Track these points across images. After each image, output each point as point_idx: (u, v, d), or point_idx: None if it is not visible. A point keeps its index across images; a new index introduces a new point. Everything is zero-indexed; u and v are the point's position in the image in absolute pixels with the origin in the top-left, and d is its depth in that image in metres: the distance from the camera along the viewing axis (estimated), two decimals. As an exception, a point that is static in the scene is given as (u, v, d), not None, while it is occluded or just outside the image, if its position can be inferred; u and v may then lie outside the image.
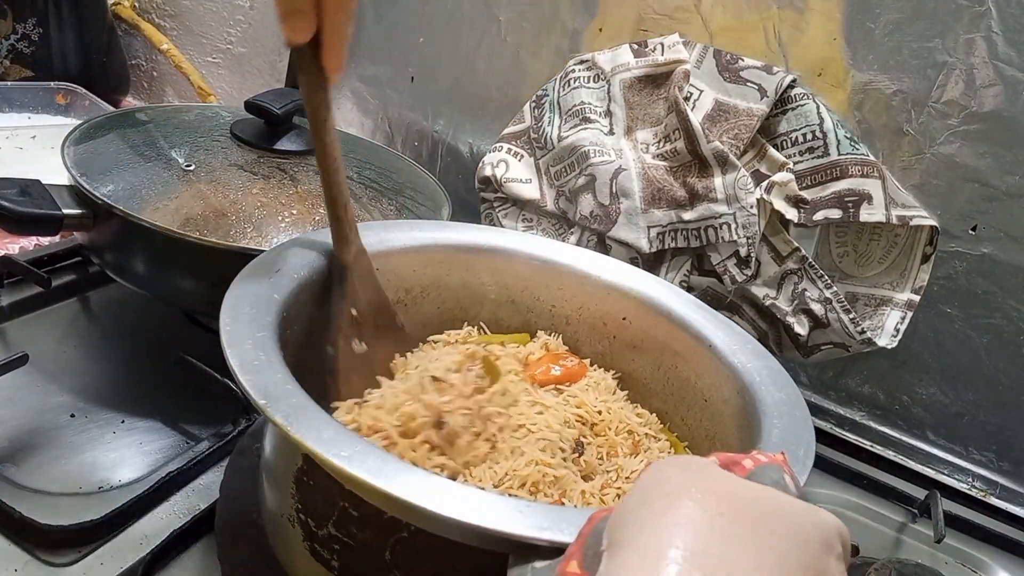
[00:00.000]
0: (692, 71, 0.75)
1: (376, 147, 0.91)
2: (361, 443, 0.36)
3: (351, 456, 0.35)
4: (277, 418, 0.36)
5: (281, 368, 0.41)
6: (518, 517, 0.34)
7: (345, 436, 0.37)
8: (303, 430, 0.36)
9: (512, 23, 0.90)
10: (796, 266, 0.72)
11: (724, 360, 0.54)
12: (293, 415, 0.37)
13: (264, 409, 0.37)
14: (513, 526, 0.33)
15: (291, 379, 0.40)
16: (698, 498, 0.26)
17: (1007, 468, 0.77)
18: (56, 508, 0.52)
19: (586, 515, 0.30)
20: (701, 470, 0.29)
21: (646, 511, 0.26)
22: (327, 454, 0.35)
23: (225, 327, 0.42)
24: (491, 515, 0.34)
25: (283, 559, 0.46)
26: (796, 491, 0.32)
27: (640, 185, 0.73)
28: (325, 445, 0.35)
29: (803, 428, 0.46)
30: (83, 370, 0.67)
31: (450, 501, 0.34)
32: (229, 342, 0.41)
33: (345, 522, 0.40)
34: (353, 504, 0.40)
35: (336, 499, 0.40)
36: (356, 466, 0.35)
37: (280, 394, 0.38)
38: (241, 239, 0.64)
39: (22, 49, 1.05)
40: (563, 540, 0.33)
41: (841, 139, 0.72)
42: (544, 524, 0.34)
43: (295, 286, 0.50)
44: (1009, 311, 0.73)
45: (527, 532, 0.33)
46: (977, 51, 0.68)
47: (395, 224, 0.62)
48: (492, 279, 0.63)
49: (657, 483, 0.28)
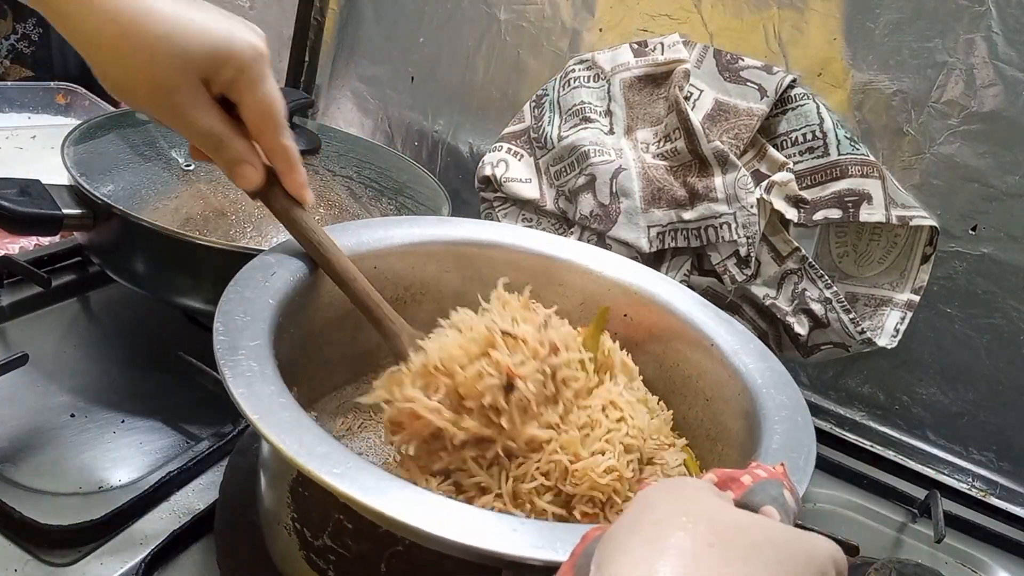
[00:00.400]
0: (692, 71, 0.75)
1: (376, 147, 0.91)
2: (354, 459, 0.36)
3: (343, 473, 0.35)
4: (270, 435, 0.36)
5: (275, 379, 0.40)
6: (512, 536, 0.34)
7: (338, 452, 0.36)
8: (295, 447, 0.36)
9: (512, 23, 0.90)
10: (796, 266, 0.72)
11: (726, 360, 0.54)
12: (286, 432, 0.36)
13: (256, 424, 0.36)
14: (506, 546, 0.33)
15: (285, 391, 0.39)
16: (688, 527, 0.26)
17: (1007, 468, 0.77)
18: (56, 508, 0.52)
19: (579, 533, 0.29)
20: (694, 495, 0.29)
21: (636, 538, 0.26)
22: (319, 471, 0.35)
23: (218, 336, 0.42)
24: (484, 535, 0.34)
25: (280, 565, 0.46)
26: (796, 506, 0.32)
27: (640, 185, 0.73)
28: (317, 461, 0.35)
29: (804, 433, 0.46)
30: (83, 370, 0.67)
31: (443, 520, 0.34)
32: (222, 353, 0.40)
33: (340, 534, 0.40)
34: (348, 516, 0.40)
35: (331, 511, 0.40)
36: (348, 483, 0.34)
37: (273, 408, 0.38)
38: (241, 239, 0.64)
39: (22, 49, 1.05)
40: (557, 559, 0.32)
41: (841, 139, 0.72)
42: (538, 543, 0.34)
43: (291, 289, 0.49)
44: (1009, 311, 0.73)
45: (521, 552, 0.33)
46: (977, 51, 0.68)
47: (394, 221, 0.62)
48: (493, 275, 0.63)
49: (648, 508, 0.27)
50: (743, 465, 0.34)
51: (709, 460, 0.55)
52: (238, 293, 0.46)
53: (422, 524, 0.33)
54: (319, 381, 0.57)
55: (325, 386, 0.58)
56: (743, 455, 0.48)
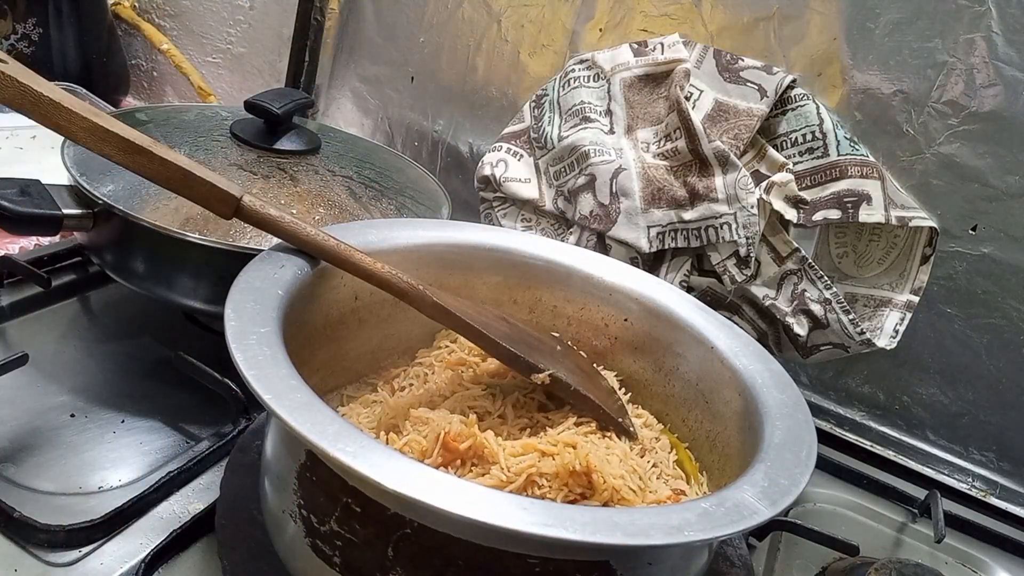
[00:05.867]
0: (692, 71, 0.75)
1: (376, 147, 0.91)
2: (366, 439, 0.36)
3: (356, 452, 0.35)
4: (282, 413, 0.36)
5: (286, 364, 0.41)
6: (522, 514, 0.34)
7: (350, 432, 0.36)
8: (307, 426, 0.36)
9: (512, 23, 0.90)
10: (796, 267, 0.72)
11: (726, 362, 0.54)
12: (298, 411, 0.37)
13: (269, 404, 0.37)
14: (518, 523, 0.33)
15: (295, 375, 0.40)
16: None
17: (1007, 468, 0.77)
18: (56, 508, 0.52)
19: (589, 513, 0.29)
20: None
21: None
22: (331, 450, 0.35)
23: (230, 323, 0.42)
24: (496, 512, 0.34)
25: (284, 556, 0.46)
26: None
27: (640, 185, 0.73)
28: (329, 441, 0.35)
29: (805, 430, 0.46)
30: (83, 370, 0.67)
31: (456, 498, 0.34)
32: (234, 338, 0.41)
33: (348, 518, 0.40)
34: (356, 500, 0.40)
35: (339, 495, 0.40)
36: (361, 462, 0.34)
37: (284, 390, 0.38)
38: (241, 239, 0.64)
39: (22, 49, 1.05)
40: (568, 537, 0.33)
41: (841, 140, 0.72)
42: (548, 521, 0.34)
43: (299, 282, 0.50)
44: (1009, 311, 0.73)
45: (532, 529, 0.33)
46: (977, 51, 0.68)
47: (398, 222, 0.62)
48: (495, 279, 0.63)
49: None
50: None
51: (709, 461, 0.55)
52: (248, 283, 0.47)
53: (435, 501, 0.33)
54: (320, 380, 0.57)
55: (327, 384, 0.58)
56: (744, 455, 0.48)
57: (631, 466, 0.49)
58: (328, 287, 0.53)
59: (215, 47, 1.15)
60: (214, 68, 1.17)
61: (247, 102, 0.74)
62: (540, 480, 0.46)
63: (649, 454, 0.53)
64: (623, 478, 0.47)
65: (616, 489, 0.46)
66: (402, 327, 0.60)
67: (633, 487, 0.47)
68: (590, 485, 0.45)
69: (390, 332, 0.60)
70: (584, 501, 0.45)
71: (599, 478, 0.45)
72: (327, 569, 0.42)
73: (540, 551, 0.38)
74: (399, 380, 0.57)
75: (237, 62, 1.14)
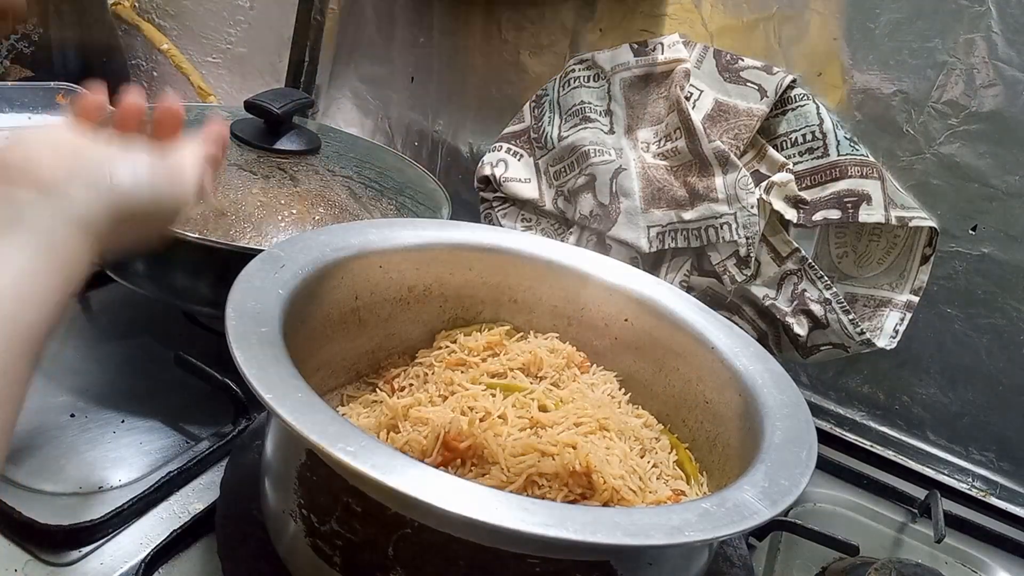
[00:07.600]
0: (692, 71, 0.75)
1: (376, 147, 0.91)
2: (366, 438, 0.36)
3: (356, 451, 0.35)
4: (283, 413, 0.36)
5: (286, 363, 0.41)
6: (522, 514, 0.34)
7: (350, 431, 0.36)
8: (308, 425, 0.36)
9: (512, 23, 0.90)
10: (796, 267, 0.72)
11: (726, 363, 0.54)
12: (298, 410, 0.37)
13: (270, 404, 0.37)
14: (518, 523, 0.33)
15: (296, 374, 0.40)
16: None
17: (1007, 468, 0.77)
18: (56, 508, 0.52)
19: (590, 513, 0.29)
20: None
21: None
22: (332, 449, 0.35)
23: (231, 323, 0.42)
24: (496, 512, 0.34)
25: (284, 555, 0.46)
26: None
27: (640, 185, 0.73)
28: (330, 440, 0.35)
29: (805, 430, 0.47)
30: (83, 370, 0.67)
31: (456, 498, 0.34)
32: (235, 337, 0.41)
33: (348, 518, 0.40)
34: (356, 500, 0.40)
35: (339, 495, 0.40)
36: (361, 461, 0.34)
37: (285, 389, 0.38)
38: (241, 239, 0.64)
39: (22, 49, 1.05)
40: (568, 537, 0.33)
41: (841, 140, 0.72)
42: (549, 521, 0.34)
43: (299, 282, 0.50)
44: (1009, 311, 0.73)
45: (533, 529, 0.33)
46: (977, 51, 0.68)
47: (399, 222, 0.62)
48: (495, 279, 0.63)
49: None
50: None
51: (709, 461, 0.55)
52: (248, 283, 0.47)
53: (436, 501, 0.33)
54: (320, 380, 0.57)
55: (327, 384, 0.58)
56: (744, 455, 0.48)
57: (631, 466, 0.49)
58: (328, 287, 0.54)
59: (215, 47, 1.15)
60: (214, 68, 1.17)
61: (247, 102, 0.74)
62: (540, 480, 0.46)
63: (649, 454, 0.53)
64: (623, 478, 0.47)
65: (616, 489, 0.46)
66: (402, 327, 0.60)
67: (633, 487, 0.47)
68: (590, 485, 0.45)
69: (390, 332, 0.60)
70: (584, 501, 0.45)
71: (599, 478, 0.45)
72: (327, 569, 0.42)
73: (540, 551, 0.38)
74: (399, 380, 0.57)
75: (237, 62, 1.14)
